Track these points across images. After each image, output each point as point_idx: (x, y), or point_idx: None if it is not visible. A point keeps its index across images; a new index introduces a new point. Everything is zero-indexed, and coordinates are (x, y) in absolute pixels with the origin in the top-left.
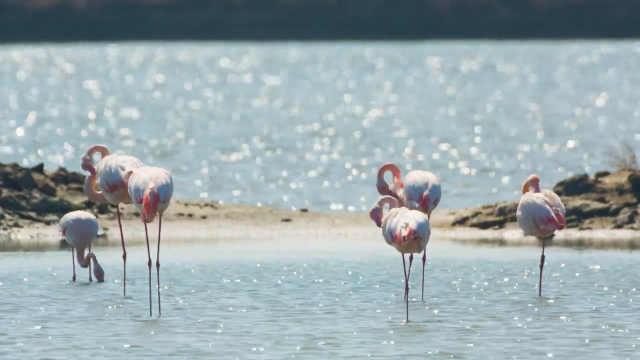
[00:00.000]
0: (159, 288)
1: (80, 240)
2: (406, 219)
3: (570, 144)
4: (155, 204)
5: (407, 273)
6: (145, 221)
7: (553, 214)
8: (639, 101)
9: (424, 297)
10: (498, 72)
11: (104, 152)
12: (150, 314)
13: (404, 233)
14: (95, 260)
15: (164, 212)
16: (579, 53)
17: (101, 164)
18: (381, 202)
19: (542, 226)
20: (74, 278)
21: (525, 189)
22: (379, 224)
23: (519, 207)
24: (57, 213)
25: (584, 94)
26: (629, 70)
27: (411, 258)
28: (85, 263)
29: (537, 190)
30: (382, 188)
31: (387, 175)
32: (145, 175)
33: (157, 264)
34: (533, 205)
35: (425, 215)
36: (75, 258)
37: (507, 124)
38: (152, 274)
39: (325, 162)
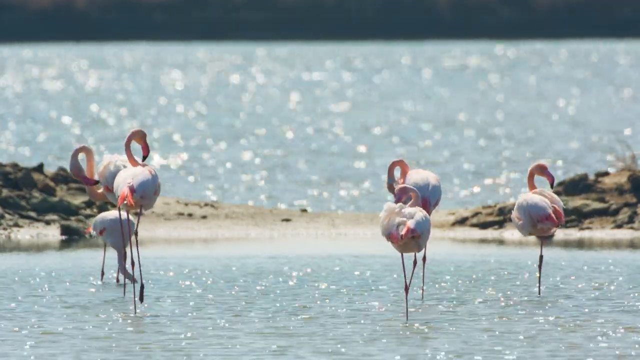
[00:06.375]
0: (135, 285)
1: (121, 241)
2: (404, 217)
3: (574, 144)
4: (130, 196)
5: (406, 273)
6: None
7: (550, 211)
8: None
9: (424, 298)
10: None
11: (88, 153)
12: (135, 312)
13: (402, 232)
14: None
15: (146, 209)
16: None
17: (102, 165)
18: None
19: (539, 225)
20: (102, 276)
21: (531, 177)
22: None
23: (515, 208)
24: (57, 213)
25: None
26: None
27: (415, 263)
28: (127, 275)
29: (550, 176)
30: (391, 185)
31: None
32: (125, 174)
33: (132, 263)
34: (531, 204)
35: (425, 213)
36: (118, 260)
37: (507, 122)
38: (134, 271)
39: (325, 162)
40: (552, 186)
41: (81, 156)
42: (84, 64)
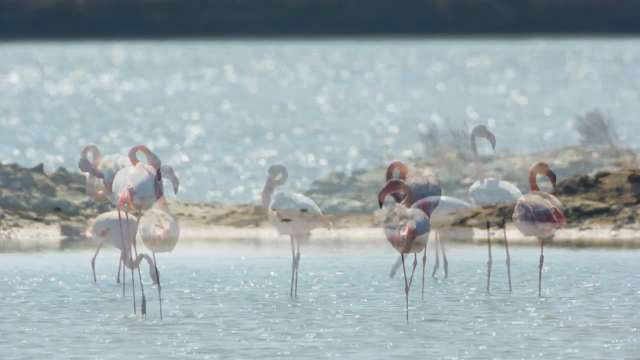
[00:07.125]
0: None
1: (125, 241)
2: (405, 218)
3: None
4: (130, 199)
5: (407, 273)
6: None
7: (552, 212)
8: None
9: (424, 298)
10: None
11: (95, 152)
12: (135, 312)
13: (403, 233)
14: (150, 261)
15: (146, 209)
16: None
17: (103, 164)
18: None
19: (540, 226)
20: (95, 277)
21: (532, 176)
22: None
23: (516, 207)
24: (57, 213)
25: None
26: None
27: (415, 263)
28: (135, 264)
29: (551, 175)
30: None
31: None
32: (125, 175)
33: (132, 264)
34: (532, 205)
35: (424, 214)
36: (122, 260)
37: (508, 122)
38: (138, 274)
39: (326, 161)
40: (554, 184)
41: (89, 155)
42: (84, 64)
